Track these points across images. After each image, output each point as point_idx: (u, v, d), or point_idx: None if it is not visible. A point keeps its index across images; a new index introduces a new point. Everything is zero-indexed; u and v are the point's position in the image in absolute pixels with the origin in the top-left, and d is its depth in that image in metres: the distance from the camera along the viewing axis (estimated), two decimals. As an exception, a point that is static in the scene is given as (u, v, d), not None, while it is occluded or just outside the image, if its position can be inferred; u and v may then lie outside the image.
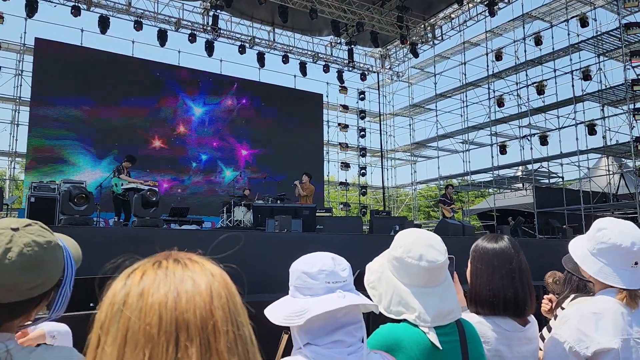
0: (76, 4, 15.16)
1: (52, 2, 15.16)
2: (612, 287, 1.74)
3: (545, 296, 2.86)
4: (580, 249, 1.86)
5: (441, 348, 1.45)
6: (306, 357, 1.20)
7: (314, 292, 1.23)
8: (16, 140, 15.81)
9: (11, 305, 1.04)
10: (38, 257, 1.06)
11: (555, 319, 2.49)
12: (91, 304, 4.12)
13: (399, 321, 1.50)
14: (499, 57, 18.83)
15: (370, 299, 1.47)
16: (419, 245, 1.52)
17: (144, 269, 0.68)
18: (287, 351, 1.31)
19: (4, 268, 1.01)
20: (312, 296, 1.23)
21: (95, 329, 0.65)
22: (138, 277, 0.67)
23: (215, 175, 17.78)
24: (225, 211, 12.71)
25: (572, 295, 2.55)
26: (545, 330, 2.30)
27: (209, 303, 0.65)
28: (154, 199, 7.50)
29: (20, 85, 15.83)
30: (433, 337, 1.45)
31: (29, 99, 15.07)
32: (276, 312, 1.26)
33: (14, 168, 17.16)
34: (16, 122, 15.91)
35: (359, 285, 1.51)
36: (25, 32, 15.54)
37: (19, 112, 15.90)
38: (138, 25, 16.27)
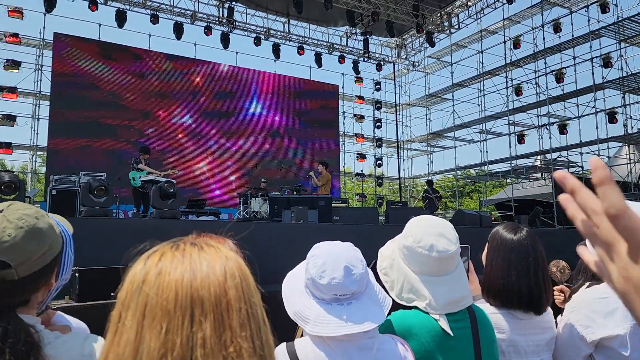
0: (93, -2, 15.33)
1: (70, -3, 15.34)
2: None
3: (555, 287, 2.84)
4: None
5: (452, 334, 1.46)
6: (318, 337, 1.24)
7: (321, 296, 1.26)
8: (37, 134, 16.07)
9: (30, 277, 1.09)
10: (35, 226, 1.11)
11: None
12: (112, 294, 4.21)
13: (410, 308, 1.52)
14: (517, 45, 18.55)
15: (382, 285, 1.50)
16: (429, 234, 1.52)
17: (163, 251, 0.72)
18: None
19: (8, 246, 1.05)
20: (319, 301, 1.26)
21: (116, 306, 0.70)
22: (157, 259, 0.71)
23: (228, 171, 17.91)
24: (241, 203, 12.81)
25: (587, 284, 2.54)
26: (559, 318, 2.31)
27: (223, 282, 0.68)
28: (172, 190, 7.59)
29: (40, 80, 16.07)
30: (444, 324, 1.47)
31: (49, 93, 15.31)
32: (290, 299, 1.30)
33: (35, 161, 17.47)
34: (37, 117, 16.17)
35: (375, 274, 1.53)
36: (44, 28, 15.74)
37: (39, 107, 16.17)
38: (154, 19, 16.40)
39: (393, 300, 1.44)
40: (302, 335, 1.35)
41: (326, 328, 1.20)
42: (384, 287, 1.49)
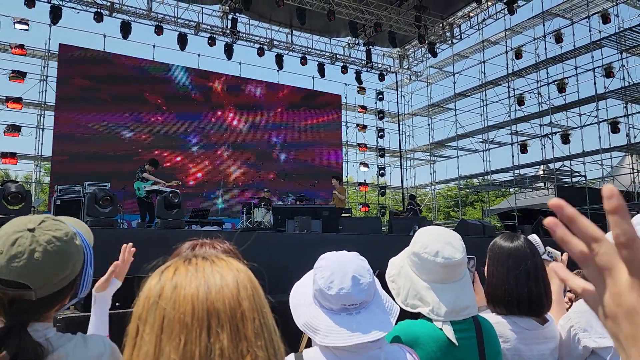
0: (99, 10, 15.49)
1: (75, 8, 15.51)
2: None
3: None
4: None
5: (457, 344, 1.48)
6: (326, 347, 1.25)
7: (330, 306, 1.26)
8: (41, 144, 16.16)
9: (47, 298, 1.11)
10: (62, 251, 1.12)
11: None
12: (117, 304, 4.22)
13: (416, 317, 1.54)
14: (518, 55, 18.63)
15: (390, 292, 1.52)
16: (436, 242, 1.56)
17: (176, 266, 0.75)
18: (309, 345, 1.36)
19: (33, 269, 1.06)
20: (327, 311, 1.26)
21: (133, 320, 0.72)
22: (171, 273, 0.73)
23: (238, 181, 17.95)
24: (245, 212, 12.82)
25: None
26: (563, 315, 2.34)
27: (236, 294, 0.71)
28: (177, 200, 7.63)
29: (45, 91, 16.17)
30: (449, 333, 1.48)
31: (54, 104, 15.42)
32: (298, 310, 1.31)
33: (40, 171, 17.54)
34: (41, 127, 16.26)
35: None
36: (49, 39, 15.90)
37: (44, 117, 16.24)
38: (159, 30, 16.53)
39: (399, 307, 1.46)
40: (306, 345, 1.37)
41: (337, 338, 1.20)
42: (391, 294, 1.51)
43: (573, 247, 0.54)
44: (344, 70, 20.42)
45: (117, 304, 4.32)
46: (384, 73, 21.87)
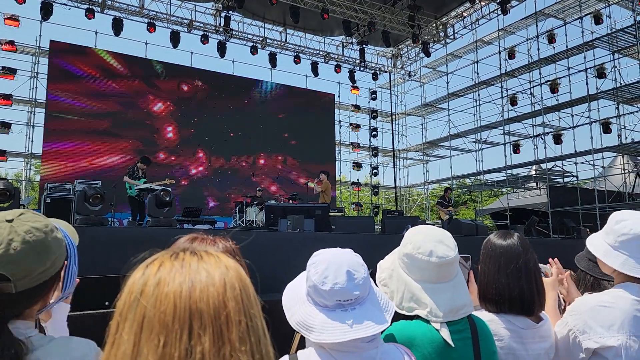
0: (90, 6, 15.35)
1: (66, 5, 15.37)
2: (635, 280, 1.73)
3: None
4: (601, 245, 1.84)
5: (453, 345, 1.45)
6: (321, 347, 1.22)
7: (324, 303, 1.23)
8: (32, 141, 16.00)
9: (28, 292, 1.07)
10: (41, 241, 1.09)
11: None
12: (106, 303, 4.16)
13: (411, 318, 1.50)
14: (511, 55, 18.70)
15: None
16: (428, 241, 1.53)
17: (162, 260, 0.70)
18: (301, 346, 1.32)
19: (11, 259, 1.03)
20: (322, 308, 1.22)
21: (115, 316, 0.68)
22: (156, 268, 0.69)
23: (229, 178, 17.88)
24: (237, 211, 12.77)
25: (586, 294, 2.55)
26: (559, 320, 2.33)
27: (222, 294, 0.67)
28: (168, 198, 7.56)
29: (36, 88, 16.00)
30: (445, 334, 1.45)
31: (44, 101, 15.28)
32: (291, 310, 1.27)
33: (30, 169, 17.37)
34: (32, 124, 16.11)
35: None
36: (40, 35, 15.74)
37: (34, 114, 16.09)
38: (151, 27, 16.42)
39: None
40: (298, 347, 1.33)
41: (332, 335, 1.16)
42: None
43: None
44: (338, 69, 20.39)
45: (106, 302, 4.25)
46: (378, 72, 21.88)
